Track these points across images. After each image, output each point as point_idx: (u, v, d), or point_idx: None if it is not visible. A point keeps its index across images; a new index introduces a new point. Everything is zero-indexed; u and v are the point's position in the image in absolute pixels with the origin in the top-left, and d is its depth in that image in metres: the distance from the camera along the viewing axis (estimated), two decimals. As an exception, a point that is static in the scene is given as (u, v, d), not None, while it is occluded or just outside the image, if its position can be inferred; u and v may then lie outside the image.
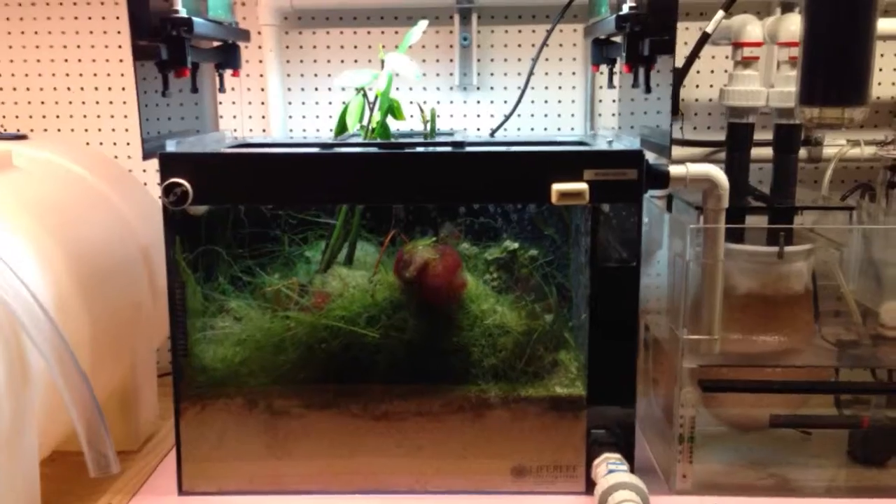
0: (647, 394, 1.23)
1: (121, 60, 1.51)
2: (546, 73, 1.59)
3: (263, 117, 1.52)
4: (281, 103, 1.52)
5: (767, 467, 1.13)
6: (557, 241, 1.26)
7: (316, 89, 1.58)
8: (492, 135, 1.44)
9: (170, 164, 1.02)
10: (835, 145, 1.42)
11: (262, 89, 1.56)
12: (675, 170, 1.08)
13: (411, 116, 1.23)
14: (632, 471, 1.04)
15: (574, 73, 1.56)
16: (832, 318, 1.21)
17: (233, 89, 1.55)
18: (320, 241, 1.19)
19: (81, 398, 0.89)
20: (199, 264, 1.10)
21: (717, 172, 1.07)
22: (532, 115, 1.57)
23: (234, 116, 1.57)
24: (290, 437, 1.09)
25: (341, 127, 1.18)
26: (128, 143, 1.53)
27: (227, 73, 1.32)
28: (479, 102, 1.59)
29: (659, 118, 1.14)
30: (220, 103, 1.46)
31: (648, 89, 1.12)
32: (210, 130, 1.30)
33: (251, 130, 1.58)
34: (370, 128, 1.15)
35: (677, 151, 1.17)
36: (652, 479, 1.10)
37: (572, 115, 1.58)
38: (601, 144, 1.15)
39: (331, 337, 1.06)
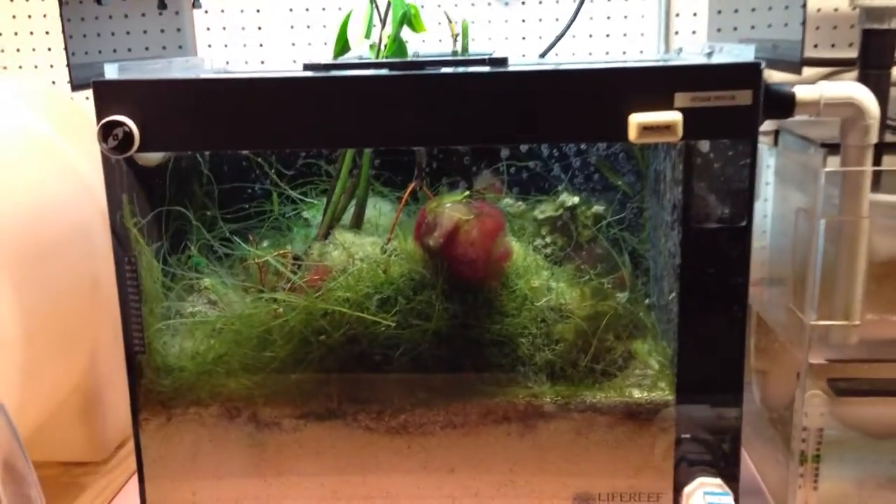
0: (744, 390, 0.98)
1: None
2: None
3: (262, 45, 1.33)
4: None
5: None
6: (630, 195, 1.06)
7: (323, 9, 1.29)
8: (541, 58, 1.15)
9: (107, 96, 0.82)
10: None
11: (258, 11, 1.29)
12: (803, 92, 0.84)
13: (439, 41, 0.94)
14: (736, 499, 0.86)
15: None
16: None
17: (222, 11, 1.33)
18: (320, 200, 1.04)
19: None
20: (159, 232, 0.94)
21: (864, 94, 0.79)
22: (590, 36, 1.27)
23: (226, 45, 1.30)
24: (282, 457, 0.93)
25: (342, 44, 0.90)
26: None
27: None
28: (524, 21, 1.32)
29: (781, 26, 0.84)
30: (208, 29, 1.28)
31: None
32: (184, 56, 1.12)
33: (247, 63, 1.30)
34: (381, 45, 0.88)
35: (786, 77, 0.88)
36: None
37: (641, 35, 1.30)
38: (695, 60, 0.85)
39: (333, 326, 0.89)
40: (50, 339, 0.94)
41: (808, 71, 1.27)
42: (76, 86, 0.85)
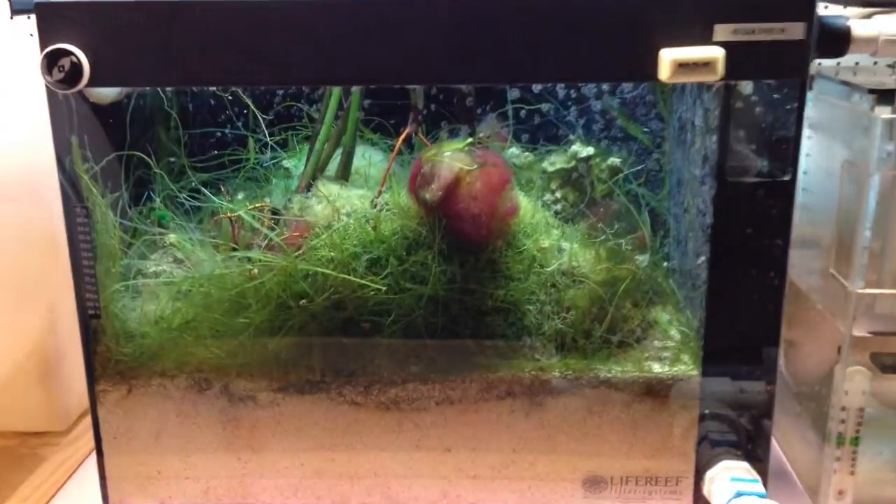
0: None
1: None
2: None
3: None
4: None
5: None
6: (649, 146, 0.99)
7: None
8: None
9: (51, 21, 0.72)
10: None
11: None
12: (860, 27, 0.75)
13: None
14: (765, 484, 0.80)
15: None
16: None
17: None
18: (303, 146, 0.97)
19: None
20: (117, 180, 0.85)
21: (931, 30, 0.67)
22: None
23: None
24: (257, 433, 0.86)
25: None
26: None
27: None
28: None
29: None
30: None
31: None
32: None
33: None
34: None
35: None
36: (787, 492, 0.90)
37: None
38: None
39: (315, 289, 0.81)
40: (-1, 295, 0.87)
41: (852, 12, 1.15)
42: (16, 10, 0.77)
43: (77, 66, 0.71)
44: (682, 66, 0.70)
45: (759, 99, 0.75)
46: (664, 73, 0.70)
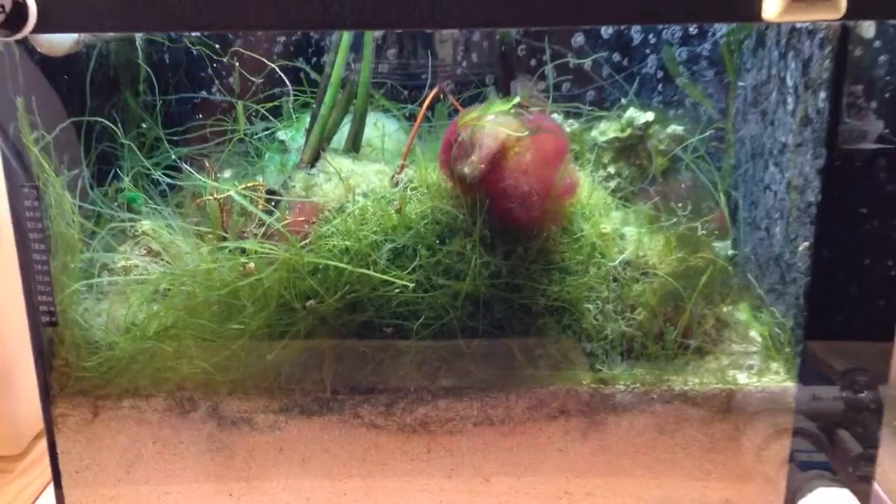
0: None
1: None
2: None
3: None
4: None
5: None
6: (712, 113, 0.88)
7: None
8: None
9: None
10: None
11: None
12: None
13: None
14: None
15: None
16: None
17: None
18: (302, 115, 0.89)
19: None
20: (76, 155, 0.77)
21: None
22: None
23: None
24: (254, 464, 0.78)
25: None
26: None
27: None
28: None
29: None
30: None
31: None
32: None
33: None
34: None
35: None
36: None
37: None
38: None
39: (325, 287, 0.74)
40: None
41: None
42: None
43: (20, 7, 0.61)
44: (795, 1, 0.58)
45: (882, 45, 0.63)
46: (771, 9, 0.60)
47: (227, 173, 0.83)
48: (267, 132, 0.87)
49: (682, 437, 0.75)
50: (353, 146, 0.81)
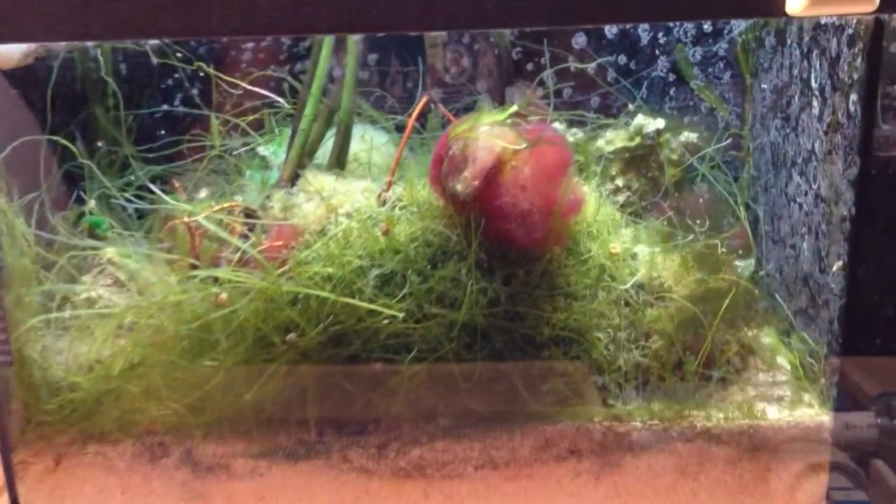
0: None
1: None
2: None
3: None
4: None
5: None
6: (727, 119, 0.83)
7: None
8: None
9: None
10: None
11: None
12: None
13: None
14: None
15: None
16: None
17: None
18: (285, 128, 0.85)
19: None
20: (33, 176, 0.74)
21: None
22: None
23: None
24: None
25: None
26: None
27: None
28: None
29: None
30: None
31: None
32: None
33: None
34: None
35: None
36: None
37: None
38: None
39: (307, 319, 0.69)
40: None
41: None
42: None
43: (-43, 13, 0.56)
44: (823, -4, 0.53)
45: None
46: (796, 3, 0.53)
47: (203, 193, 0.78)
48: (246, 147, 0.81)
49: (706, 479, 0.71)
50: (338, 162, 0.76)
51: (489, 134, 0.66)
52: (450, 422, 0.73)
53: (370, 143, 0.79)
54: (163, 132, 0.84)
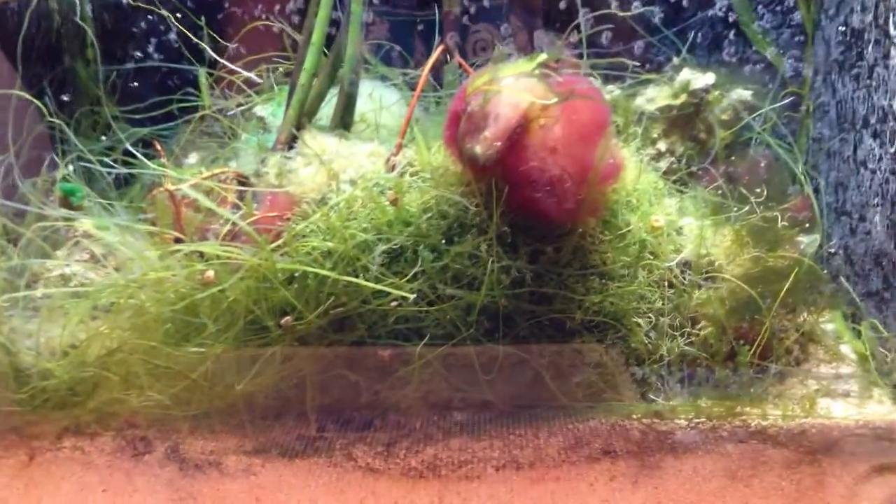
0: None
1: None
2: None
3: None
4: None
5: None
6: (785, 74, 0.74)
7: None
8: None
9: None
10: None
11: None
12: None
13: None
14: None
15: None
16: None
17: None
18: (284, 87, 0.79)
19: None
20: None
21: None
22: None
23: None
24: None
25: None
26: None
27: None
28: None
29: None
30: None
31: None
32: None
33: None
34: None
35: None
36: None
37: None
38: None
39: (305, 299, 0.63)
40: None
41: None
42: None
43: None
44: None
45: None
46: None
47: (193, 158, 0.71)
48: (242, 108, 0.74)
49: (759, 485, 0.64)
50: (342, 122, 0.69)
51: (514, 87, 0.58)
52: (467, 416, 0.68)
53: (379, 102, 0.72)
54: (151, 91, 0.78)
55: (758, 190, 0.65)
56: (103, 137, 0.75)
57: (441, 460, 0.67)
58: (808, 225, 0.64)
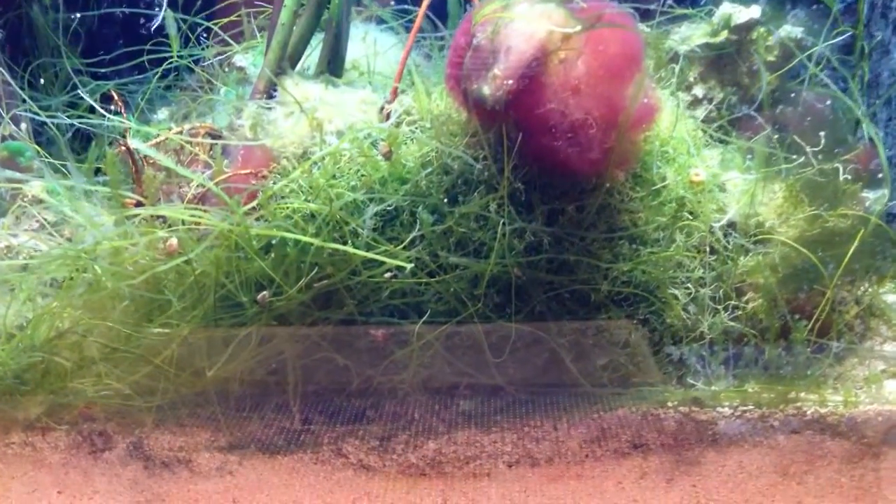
0: None
1: None
2: None
3: None
4: None
5: None
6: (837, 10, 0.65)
7: None
8: None
9: None
10: None
11: None
12: None
13: None
14: None
15: None
16: None
17: None
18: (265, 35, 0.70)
19: None
20: None
21: None
22: None
23: None
24: None
25: None
26: None
27: None
28: None
29: None
30: None
31: None
32: None
33: None
34: None
35: None
36: None
37: None
38: None
39: (284, 271, 0.54)
40: None
41: None
42: None
43: None
44: None
45: None
46: None
47: (163, 113, 0.63)
48: (220, 57, 0.66)
49: (814, 482, 0.58)
50: (331, 68, 0.60)
51: (529, 14, 0.49)
52: (474, 405, 0.60)
53: (374, 44, 0.63)
54: (118, 40, 0.70)
55: (814, 139, 0.57)
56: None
57: (444, 456, 0.59)
58: (875, 178, 0.57)
